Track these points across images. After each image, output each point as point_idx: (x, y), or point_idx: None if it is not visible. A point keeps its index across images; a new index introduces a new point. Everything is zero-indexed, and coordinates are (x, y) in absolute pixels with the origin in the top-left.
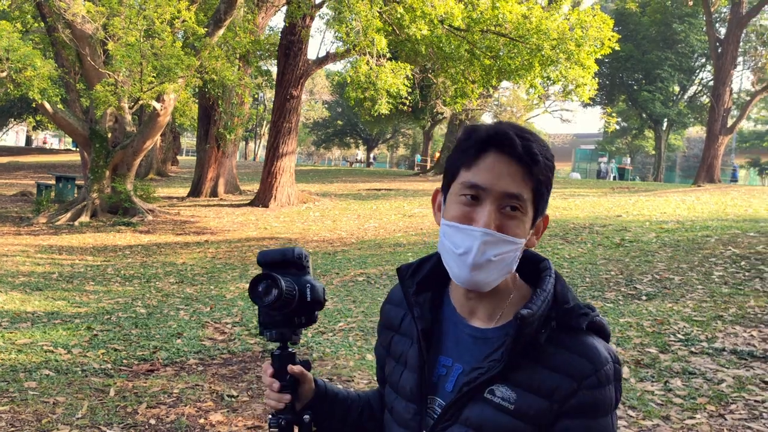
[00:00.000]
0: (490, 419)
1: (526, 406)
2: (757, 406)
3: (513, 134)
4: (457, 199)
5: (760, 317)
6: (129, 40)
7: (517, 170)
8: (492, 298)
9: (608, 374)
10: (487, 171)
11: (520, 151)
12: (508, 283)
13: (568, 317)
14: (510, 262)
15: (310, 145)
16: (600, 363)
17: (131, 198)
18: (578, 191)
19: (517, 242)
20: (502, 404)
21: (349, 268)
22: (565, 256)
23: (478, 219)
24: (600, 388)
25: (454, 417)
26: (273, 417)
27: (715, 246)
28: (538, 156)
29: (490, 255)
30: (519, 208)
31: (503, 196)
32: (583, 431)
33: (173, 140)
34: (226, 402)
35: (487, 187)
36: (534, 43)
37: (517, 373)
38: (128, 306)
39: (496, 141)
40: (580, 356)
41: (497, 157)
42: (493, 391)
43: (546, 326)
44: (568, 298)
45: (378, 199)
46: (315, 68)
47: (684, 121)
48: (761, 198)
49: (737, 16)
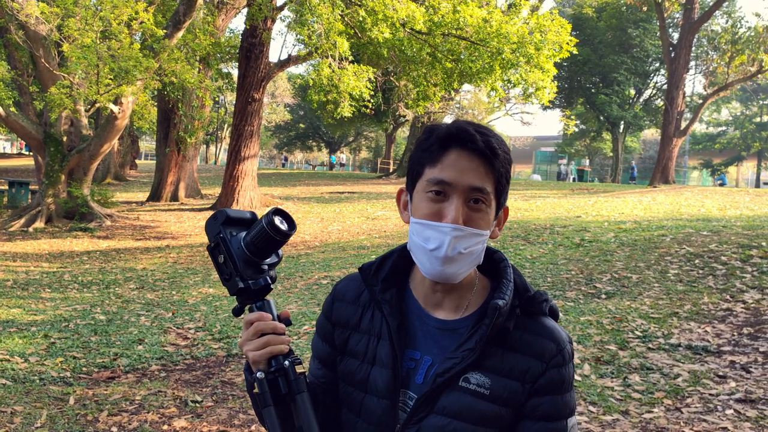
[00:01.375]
0: (468, 406)
1: (501, 390)
2: (712, 399)
3: (473, 130)
4: (424, 197)
5: (714, 313)
6: (85, 41)
7: (480, 164)
8: (458, 290)
9: (570, 352)
10: (452, 167)
11: (481, 146)
12: (472, 274)
13: (531, 304)
14: (478, 254)
15: (272, 149)
16: (562, 342)
17: (88, 203)
18: (539, 193)
19: (483, 234)
20: (478, 390)
21: (312, 271)
22: (527, 256)
23: (447, 214)
24: (564, 365)
25: (429, 408)
26: (265, 371)
27: (671, 245)
28: (498, 150)
29: (461, 248)
30: (483, 201)
31: (469, 189)
32: (551, 406)
33: (131, 144)
34: (190, 408)
35: (452, 182)
36: (494, 47)
37: (489, 360)
38: (87, 313)
39: (458, 137)
40: (545, 338)
41: (460, 152)
42: (468, 378)
43: (512, 314)
44: (527, 287)
45: (341, 202)
46: (277, 71)
47: (640, 124)
48: (713, 198)
49: (689, 22)
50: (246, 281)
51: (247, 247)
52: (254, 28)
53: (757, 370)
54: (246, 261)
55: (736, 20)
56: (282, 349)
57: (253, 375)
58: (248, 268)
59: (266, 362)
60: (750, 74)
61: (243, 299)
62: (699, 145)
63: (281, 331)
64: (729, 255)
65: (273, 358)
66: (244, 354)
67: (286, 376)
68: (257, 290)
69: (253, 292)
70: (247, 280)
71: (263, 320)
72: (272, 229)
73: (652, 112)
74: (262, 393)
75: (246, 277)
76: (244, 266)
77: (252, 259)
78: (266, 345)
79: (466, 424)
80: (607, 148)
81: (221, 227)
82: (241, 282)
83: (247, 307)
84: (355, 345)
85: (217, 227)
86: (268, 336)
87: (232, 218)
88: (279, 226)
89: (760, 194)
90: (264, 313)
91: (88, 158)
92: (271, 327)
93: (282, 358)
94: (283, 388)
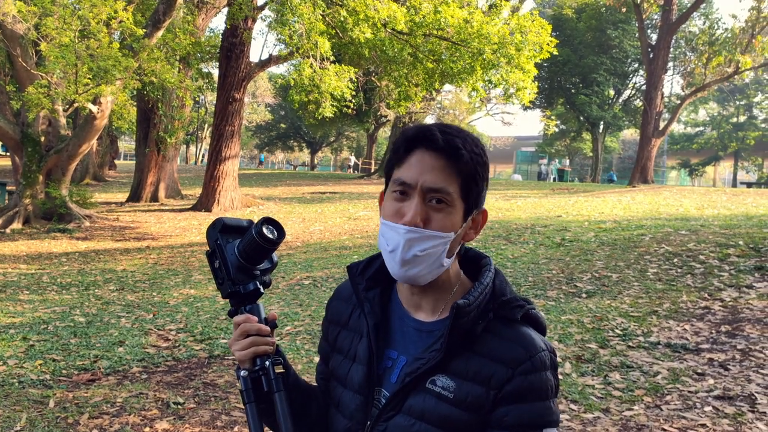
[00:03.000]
0: (431, 408)
1: (465, 394)
2: (691, 396)
3: (436, 130)
4: (390, 197)
5: (692, 312)
6: (63, 40)
7: (442, 164)
8: (434, 292)
9: (543, 360)
10: (413, 167)
11: (442, 145)
12: (450, 278)
13: (505, 308)
14: (439, 256)
15: (253, 149)
16: (534, 349)
17: (67, 204)
18: (520, 193)
19: (443, 236)
20: (442, 393)
21: (294, 272)
22: (508, 256)
23: (406, 213)
24: (534, 373)
25: (398, 407)
26: (249, 369)
27: (650, 244)
28: (461, 149)
29: (416, 251)
30: (445, 201)
31: (427, 190)
32: (520, 416)
33: (110, 144)
34: (172, 409)
35: (411, 183)
36: (475, 47)
37: (455, 363)
38: (66, 315)
39: (422, 138)
40: (515, 344)
41: (422, 153)
42: (434, 381)
43: (483, 318)
44: (505, 292)
45: (323, 203)
46: (257, 71)
47: (619, 124)
48: (691, 198)
49: (667, 23)
50: (236, 286)
51: (239, 254)
52: (235, 28)
53: (735, 368)
54: (238, 267)
55: (713, 22)
56: (266, 349)
57: (239, 373)
58: (240, 273)
59: (251, 361)
60: (727, 75)
61: (235, 302)
62: (677, 145)
63: (266, 332)
64: (707, 254)
65: (257, 357)
66: (233, 353)
67: (266, 376)
68: (247, 294)
69: (243, 296)
70: (237, 284)
71: (250, 322)
72: (261, 238)
73: (631, 113)
74: (245, 390)
75: (237, 282)
76: (236, 272)
77: (244, 265)
78: (251, 345)
79: (430, 426)
80: (587, 148)
81: (219, 234)
82: (232, 286)
83: (240, 309)
84: (342, 341)
85: (215, 234)
86: (254, 337)
87: (228, 226)
88: (267, 236)
89: (737, 194)
90: (251, 316)
91: (67, 158)
92: (256, 329)
93: (266, 358)
94: (265, 386)
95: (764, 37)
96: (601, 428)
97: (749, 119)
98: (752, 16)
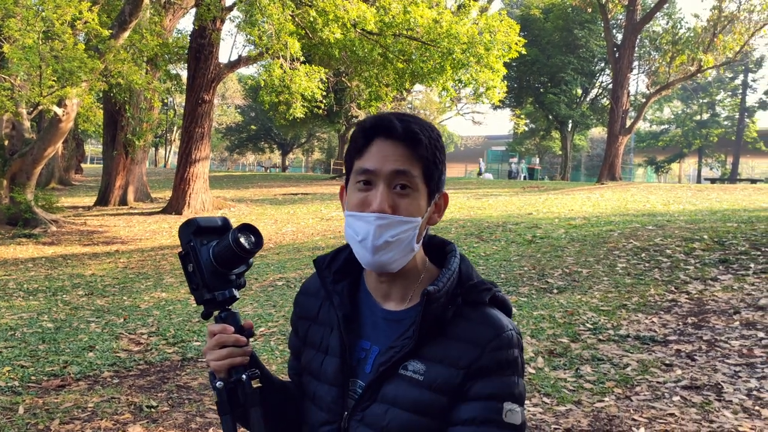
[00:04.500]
0: (403, 392)
1: (435, 376)
2: (659, 386)
3: (393, 118)
4: (354, 188)
5: (660, 304)
6: (26, 42)
7: (402, 150)
8: (403, 280)
9: (510, 338)
10: (374, 155)
11: (401, 132)
12: (417, 265)
13: (472, 292)
14: (410, 241)
15: (223, 151)
16: (501, 328)
17: (32, 208)
18: (491, 191)
19: (412, 221)
20: (413, 377)
21: (268, 273)
22: (480, 253)
23: (372, 202)
24: (502, 350)
25: (373, 396)
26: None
27: (618, 240)
28: (420, 134)
29: (387, 237)
30: (410, 186)
31: (392, 174)
32: (490, 390)
33: (77, 147)
34: (145, 413)
35: (375, 170)
36: (445, 47)
37: (427, 348)
38: (33, 321)
39: (380, 127)
40: (482, 325)
41: (382, 141)
42: (406, 366)
43: (452, 303)
44: (472, 276)
45: (295, 204)
46: (227, 72)
47: (587, 122)
48: (658, 194)
49: (632, 23)
50: (212, 292)
51: (214, 259)
52: (203, 29)
53: (702, 358)
54: (213, 272)
55: (676, 21)
56: (242, 360)
57: (214, 382)
58: (215, 278)
59: (227, 372)
60: (690, 73)
61: (209, 307)
62: (643, 143)
63: (242, 343)
64: (673, 248)
65: (233, 368)
66: (207, 363)
67: (243, 389)
68: (222, 301)
69: (218, 303)
70: (213, 290)
71: (226, 332)
72: (237, 247)
73: (599, 111)
74: (221, 402)
75: (212, 288)
76: (211, 277)
77: (219, 270)
78: (227, 357)
79: (402, 411)
80: (556, 147)
81: (192, 236)
82: (207, 293)
83: (215, 312)
84: (313, 336)
85: (188, 236)
86: (229, 348)
87: (202, 227)
88: (244, 245)
89: (702, 189)
90: (227, 326)
91: (31, 162)
92: (233, 340)
93: (242, 369)
94: (241, 398)
95: (725, 36)
96: (573, 420)
97: (712, 117)
98: (714, 16)
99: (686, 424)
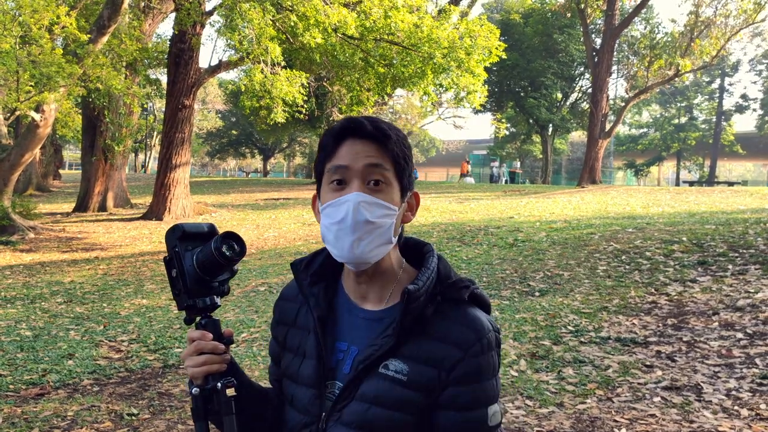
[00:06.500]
0: (385, 392)
1: (418, 376)
2: (640, 388)
3: (362, 119)
4: (327, 189)
5: (640, 306)
6: (3, 47)
7: (374, 147)
8: (380, 281)
9: (490, 341)
10: (346, 154)
11: (370, 130)
12: (394, 265)
13: (452, 290)
14: (388, 229)
15: (204, 156)
16: (483, 331)
17: (9, 215)
18: (473, 195)
19: (391, 207)
20: (396, 377)
21: (249, 279)
22: (462, 257)
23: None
24: (483, 354)
25: (352, 395)
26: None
27: (599, 242)
28: (388, 131)
29: (367, 215)
30: (383, 180)
31: (365, 169)
32: (470, 396)
33: (54, 153)
34: (126, 421)
35: (348, 165)
36: (426, 52)
37: (407, 347)
38: (11, 329)
39: (349, 128)
40: (464, 326)
41: (352, 141)
42: (387, 365)
43: (432, 301)
44: (450, 274)
45: (276, 209)
46: (207, 77)
47: (567, 126)
48: (637, 197)
49: (611, 28)
50: (193, 299)
51: (198, 266)
52: (183, 33)
53: (681, 359)
54: (196, 279)
55: (653, 26)
56: (219, 368)
57: (191, 388)
58: (198, 285)
59: (203, 379)
60: (667, 78)
61: (191, 313)
62: (623, 146)
63: (221, 351)
64: (653, 250)
65: (210, 375)
66: (185, 368)
67: (218, 397)
68: (203, 308)
69: (199, 309)
70: (194, 297)
71: (204, 339)
72: (219, 256)
73: (579, 115)
74: (195, 408)
75: (194, 295)
76: (193, 283)
77: (202, 277)
78: (204, 364)
79: (383, 410)
80: (537, 151)
81: (177, 242)
82: (188, 299)
83: (197, 318)
84: (291, 340)
85: (173, 241)
86: (208, 355)
87: (188, 233)
88: (225, 253)
89: (680, 192)
90: (206, 332)
91: (9, 168)
92: (211, 347)
93: (219, 377)
94: (215, 405)
95: (702, 40)
96: (555, 422)
97: (690, 120)
98: (691, 21)
99: (667, 425)
